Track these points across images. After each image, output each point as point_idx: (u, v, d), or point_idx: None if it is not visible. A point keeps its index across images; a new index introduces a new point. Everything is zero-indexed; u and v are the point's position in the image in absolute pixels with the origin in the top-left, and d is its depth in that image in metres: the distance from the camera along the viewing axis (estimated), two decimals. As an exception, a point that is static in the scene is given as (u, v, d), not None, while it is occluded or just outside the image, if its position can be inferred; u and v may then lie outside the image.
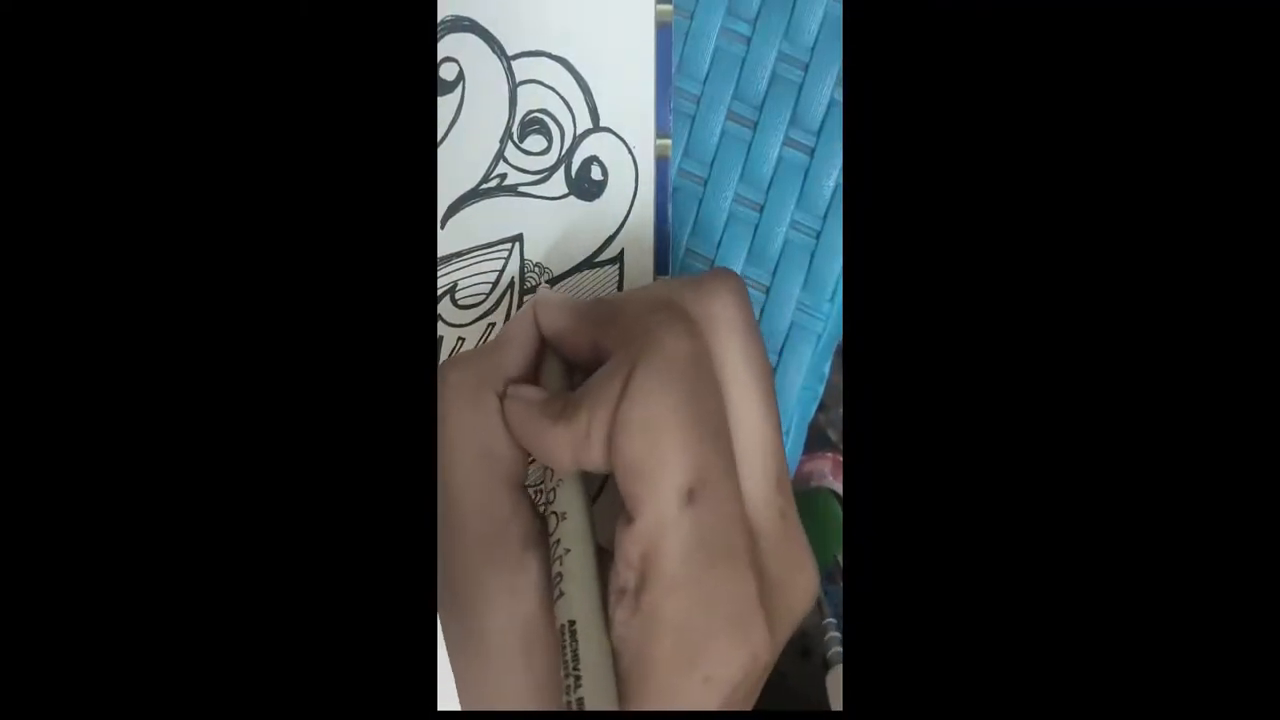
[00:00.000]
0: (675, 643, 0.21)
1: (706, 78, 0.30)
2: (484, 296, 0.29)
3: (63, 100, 0.19)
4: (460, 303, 0.29)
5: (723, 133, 0.30)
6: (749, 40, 0.30)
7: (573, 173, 0.29)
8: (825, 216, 0.30)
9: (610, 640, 0.21)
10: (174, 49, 0.19)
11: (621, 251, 0.30)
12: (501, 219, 0.29)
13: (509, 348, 0.25)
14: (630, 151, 0.29)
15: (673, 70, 0.29)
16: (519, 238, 0.29)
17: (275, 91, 0.19)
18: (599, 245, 0.30)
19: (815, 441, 0.83)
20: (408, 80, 0.20)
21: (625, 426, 0.21)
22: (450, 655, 0.24)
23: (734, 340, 0.23)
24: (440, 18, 0.29)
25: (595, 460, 0.22)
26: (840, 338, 0.31)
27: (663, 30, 0.29)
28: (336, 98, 0.20)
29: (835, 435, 0.84)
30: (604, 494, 0.28)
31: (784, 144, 0.30)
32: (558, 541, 0.22)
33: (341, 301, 0.20)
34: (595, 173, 0.29)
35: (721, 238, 0.30)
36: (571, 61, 0.29)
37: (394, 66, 0.20)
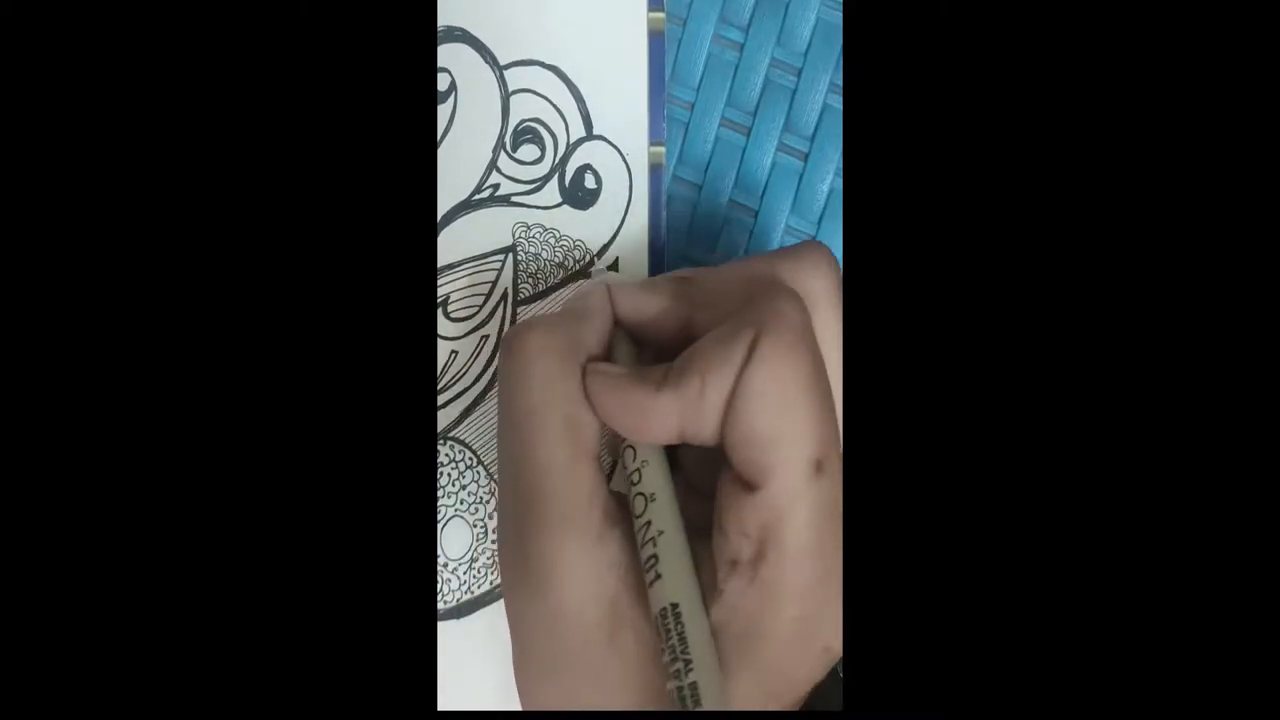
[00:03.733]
0: (798, 613, 0.20)
1: (700, 84, 0.30)
2: (476, 309, 0.29)
3: (63, 104, 0.19)
4: (452, 315, 0.29)
5: (716, 139, 0.30)
6: (742, 46, 0.30)
7: (566, 181, 0.29)
8: (820, 221, 0.30)
9: (711, 619, 0.21)
10: (175, 56, 0.19)
11: (617, 260, 0.29)
12: (494, 230, 0.29)
13: (587, 322, 0.24)
14: (624, 159, 0.29)
15: (666, 77, 0.29)
16: (512, 249, 0.29)
17: (276, 99, 0.19)
18: (595, 255, 0.30)
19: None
20: (408, 87, 0.20)
21: (753, 392, 0.20)
22: (516, 636, 0.23)
23: (833, 316, 0.23)
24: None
25: (705, 427, 0.21)
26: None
27: (655, 38, 0.29)
28: (337, 104, 0.20)
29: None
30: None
31: (778, 149, 0.30)
32: (648, 523, 0.22)
33: (341, 308, 0.20)
34: (589, 181, 0.29)
35: (717, 243, 0.30)
36: (564, 70, 0.29)
37: (394, 75, 0.20)
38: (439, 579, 0.29)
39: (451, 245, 0.29)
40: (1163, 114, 0.18)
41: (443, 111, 0.29)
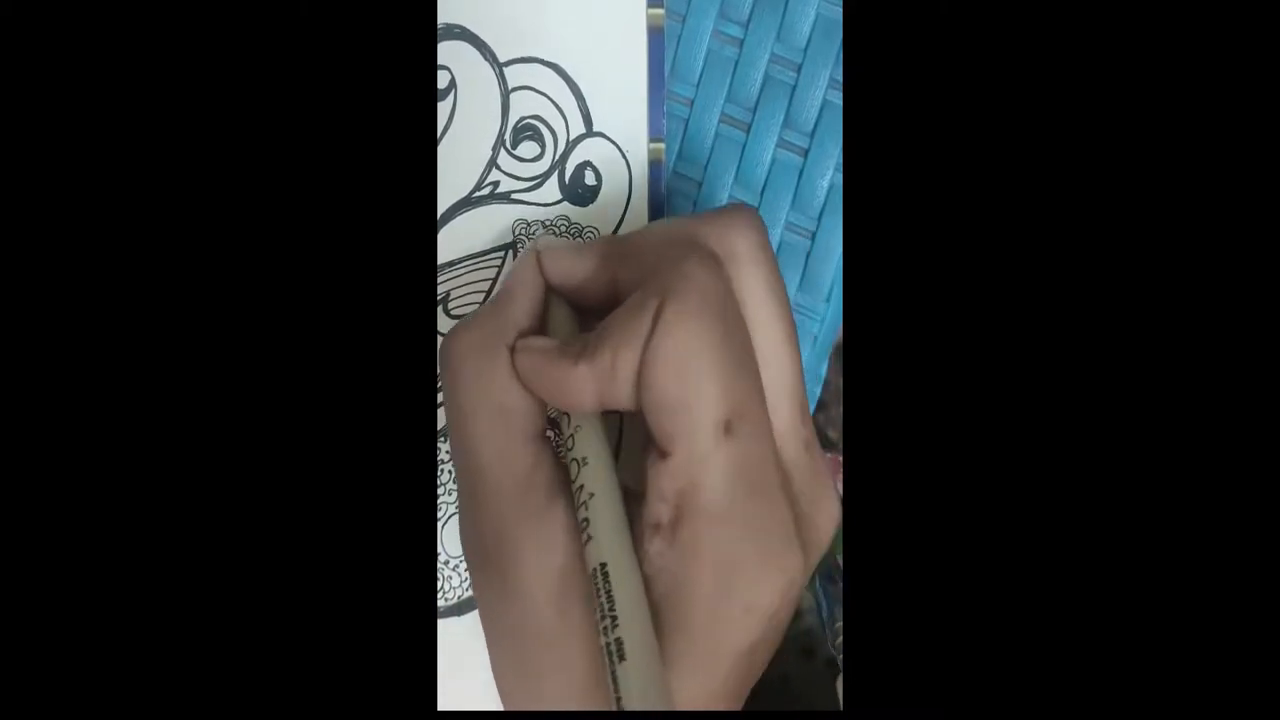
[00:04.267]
0: (715, 573, 0.21)
1: (699, 81, 0.30)
2: (477, 306, 0.29)
3: (64, 103, 0.19)
4: (453, 313, 0.29)
5: (716, 135, 0.30)
6: (741, 43, 0.30)
7: (566, 178, 0.29)
8: (820, 217, 0.30)
9: (641, 578, 0.21)
10: (175, 53, 0.19)
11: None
12: (495, 227, 0.29)
13: (514, 301, 0.24)
14: (624, 155, 0.29)
15: (665, 73, 0.29)
16: (512, 245, 0.29)
17: (276, 98, 0.19)
18: None
19: (814, 440, 0.82)
20: (408, 84, 0.20)
21: (658, 361, 0.21)
22: (484, 618, 0.24)
23: (757, 274, 0.23)
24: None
25: (621, 397, 0.22)
26: (836, 338, 0.31)
27: (654, 34, 0.29)
28: (336, 103, 0.20)
29: (835, 434, 0.83)
30: (623, 438, 0.28)
31: (778, 146, 0.30)
32: (581, 487, 0.22)
33: (341, 307, 0.20)
34: (589, 178, 0.29)
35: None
36: (564, 67, 0.28)
37: (394, 72, 0.20)
38: (440, 576, 0.29)
39: (451, 243, 0.29)
40: (1163, 109, 0.18)
41: (442, 109, 0.29)
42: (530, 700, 0.23)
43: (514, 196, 0.29)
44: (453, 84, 0.29)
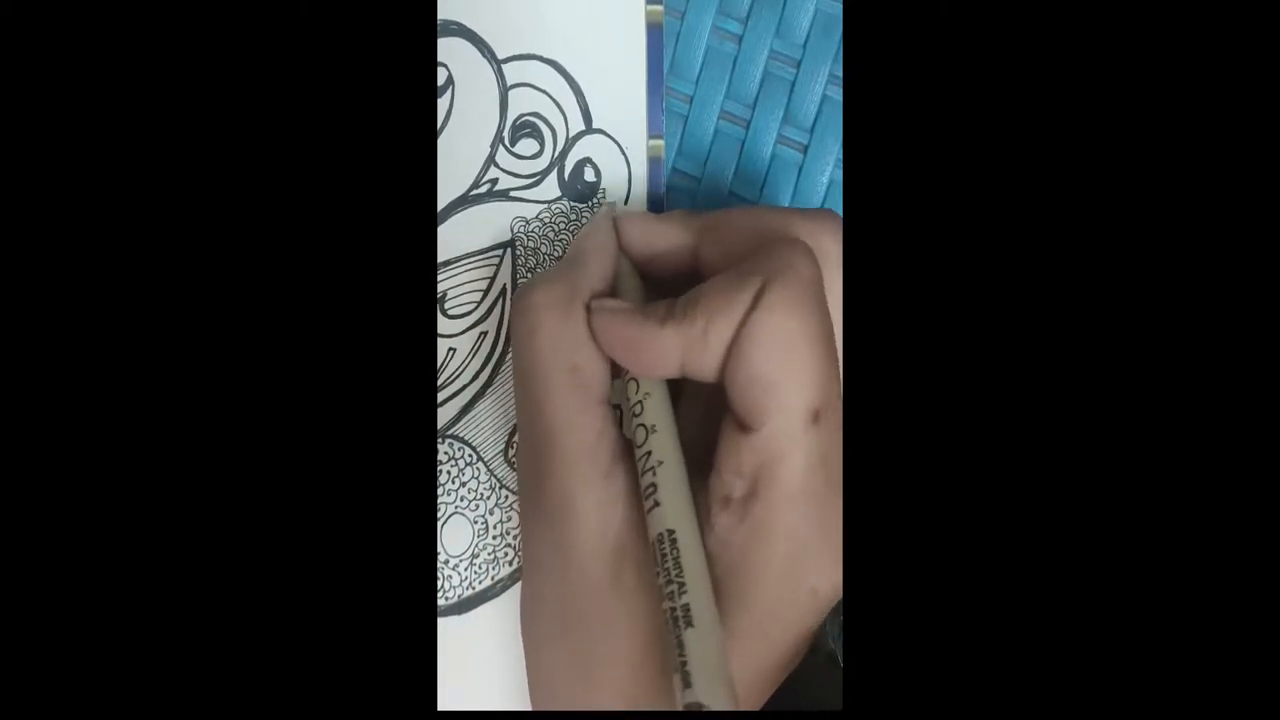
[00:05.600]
0: (786, 552, 0.21)
1: (699, 77, 0.30)
2: (475, 305, 0.29)
3: (62, 99, 0.19)
4: (450, 312, 0.29)
5: (716, 132, 0.30)
6: (740, 39, 0.30)
7: (566, 175, 0.29)
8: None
9: (706, 548, 0.21)
10: (173, 50, 0.19)
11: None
12: (493, 225, 0.29)
13: (589, 262, 0.25)
14: (624, 152, 0.29)
15: (665, 70, 0.29)
16: (510, 244, 0.29)
17: (274, 94, 0.19)
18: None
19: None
20: (408, 81, 0.20)
21: (759, 338, 0.21)
22: (529, 576, 0.24)
23: (837, 279, 0.23)
24: (428, 22, 0.28)
25: (707, 365, 0.22)
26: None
27: (653, 30, 0.29)
28: (335, 100, 0.19)
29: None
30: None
31: (777, 141, 0.30)
32: (649, 454, 0.22)
33: (341, 304, 0.19)
34: (589, 174, 0.29)
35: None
36: (563, 64, 0.28)
37: (394, 68, 0.20)
38: (440, 576, 0.29)
39: (449, 241, 0.29)
40: (1163, 107, 0.18)
41: (440, 106, 0.29)
42: (574, 671, 0.23)
43: (513, 194, 0.29)
44: (450, 81, 0.28)
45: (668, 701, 0.21)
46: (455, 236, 0.29)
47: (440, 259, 0.29)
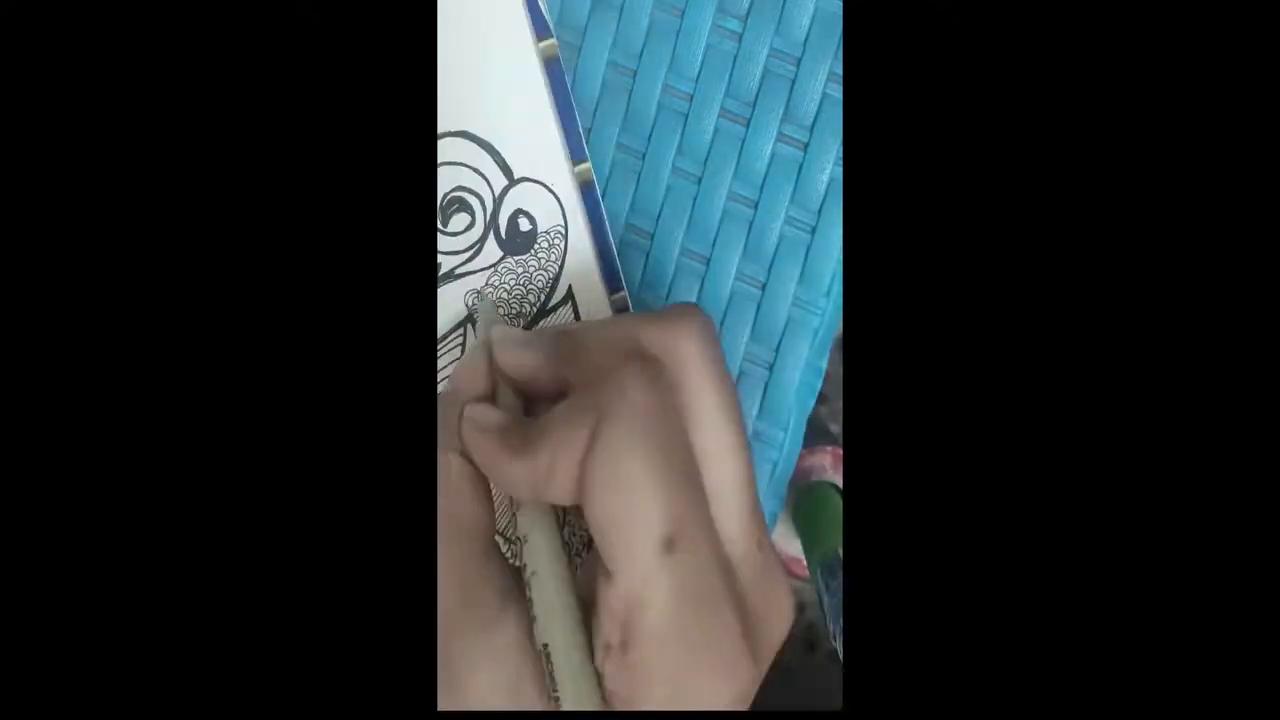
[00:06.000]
0: (667, 694, 0.21)
1: (699, 76, 0.30)
2: (441, 390, 0.29)
3: (63, 105, 0.19)
4: None
5: (716, 130, 0.30)
6: (740, 37, 0.30)
7: (502, 233, 0.29)
8: (820, 211, 0.30)
9: (588, 652, 0.21)
10: (172, 49, 0.19)
11: (570, 288, 0.30)
12: (448, 309, 0.29)
13: (461, 397, 0.24)
14: (550, 190, 0.29)
15: (571, 97, 0.29)
16: (469, 318, 0.29)
17: (274, 99, 0.19)
18: (546, 291, 0.30)
19: (816, 435, 0.83)
20: (409, 76, 0.20)
21: (595, 482, 0.21)
22: None
23: (701, 377, 0.22)
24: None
25: (559, 497, 0.22)
26: (837, 331, 0.31)
27: (551, 64, 0.29)
28: (333, 105, 0.20)
29: (837, 427, 0.84)
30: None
31: (777, 140, 0.30)
32: (524, 565, 0.22)
33: (340, 309, 0.20)
34: (524, 224, 0.29)
35: (717, 235, 0.30)
36: (471, 130, 0.29)
37: (395, 62, 0.20)
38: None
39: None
40: (1167, 105, 0.18)
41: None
42: None
43: (458, 272, 0.29)
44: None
45: None
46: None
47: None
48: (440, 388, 0.29)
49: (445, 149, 0.29)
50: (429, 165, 0.29)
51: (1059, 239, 0.18)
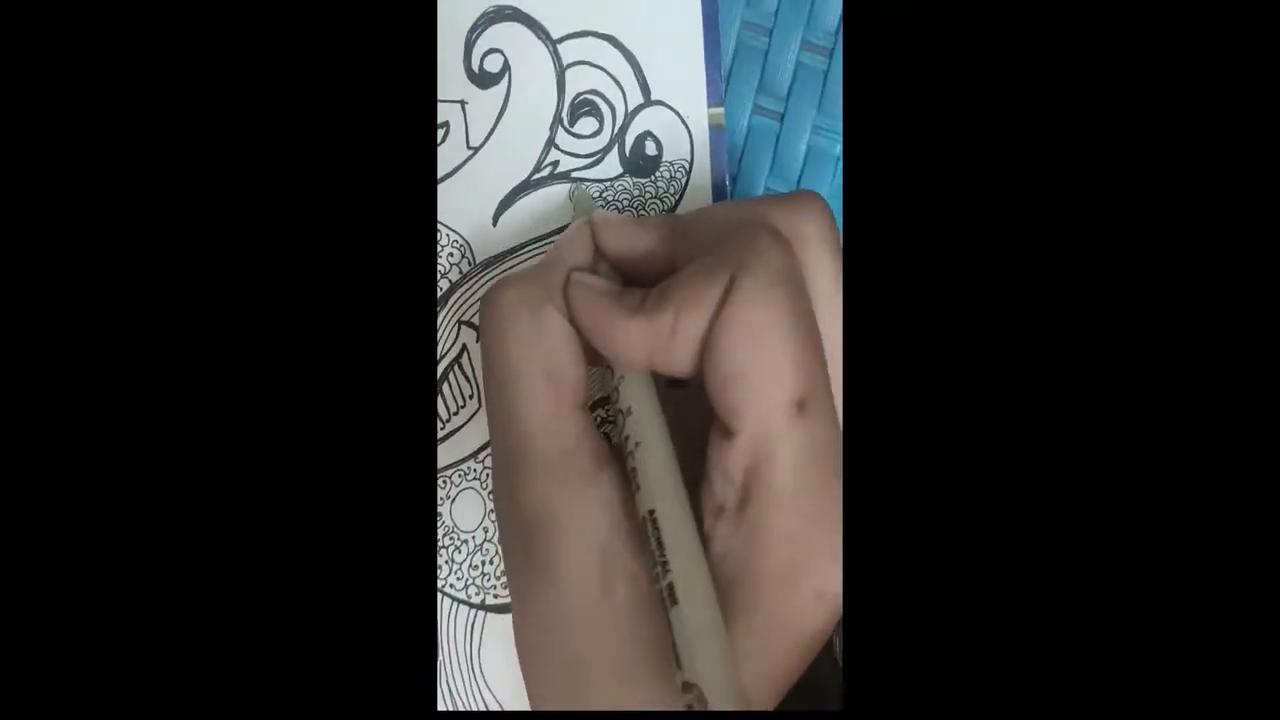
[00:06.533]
0: (785, 556, 0.20)
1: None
2: None
3: (64, 107, 0.18)
4: None
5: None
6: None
7: (627, 150, 0.29)
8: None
9: (694, 521, 0.20)
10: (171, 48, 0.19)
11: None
12: (557, 208, 0.29)
13: (563, 262, 0.24)
14: (684, 123, 0.29)
15: (720, 39, 0.29)
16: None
17: (272, 98, 0.19)
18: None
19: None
20: (408, 75, 0.20)
21: (731, 331, 0.20)
22: (515, 597, 0.22)
23: (825, 260, 0.22)
24: (483, 10, 0.28)
25: (675, 360, 0.21)
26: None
27: (708, 2, 0.29)
28: (334, 98, 0.19)
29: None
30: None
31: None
32: (627, 437, 0.21)
33: (340, 303, 0.19)
34: (650, 148, 0.29)
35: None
36: (618, 38, 0.28)
37: (393, 62, 0.20)
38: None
39: (514, 227, 0.29)
40: (1168, 105, 0.18)
41: (498, 92, 0.28)
42: (569, 698, 0.21)
43: (574, 175, 0.29)
44: (506, 66, 0.28)
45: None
46: (520, 222, 0.29)
47: (507, 246, 0.29)
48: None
49: (587, 49, 0.28)
50: (428, 158, 0.28)
51: (1059, 239, 0.18)
